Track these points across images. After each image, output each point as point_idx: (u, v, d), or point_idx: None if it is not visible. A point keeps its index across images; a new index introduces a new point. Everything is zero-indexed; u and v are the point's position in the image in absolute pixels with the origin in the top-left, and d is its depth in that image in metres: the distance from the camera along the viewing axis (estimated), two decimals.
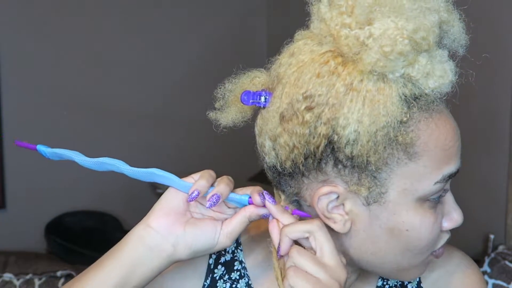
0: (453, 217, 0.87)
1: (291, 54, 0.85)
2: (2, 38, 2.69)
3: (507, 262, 1.91)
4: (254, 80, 0.90)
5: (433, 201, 0.84)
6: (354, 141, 0.80)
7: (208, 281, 0.97)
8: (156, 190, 2.86)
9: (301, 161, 0.83)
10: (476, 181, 2.09)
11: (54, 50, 2.76)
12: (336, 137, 0.80)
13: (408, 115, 0.80)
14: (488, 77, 2.01)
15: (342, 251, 0.88)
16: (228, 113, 0.91)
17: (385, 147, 0.80)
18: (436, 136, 0.82)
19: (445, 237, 0.89)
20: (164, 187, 2.76)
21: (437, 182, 0.83)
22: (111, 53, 2.84)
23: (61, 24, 2.75)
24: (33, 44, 2.73)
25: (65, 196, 2.83)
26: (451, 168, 0.84)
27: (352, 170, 0.82)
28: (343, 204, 0.85)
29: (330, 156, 0.82)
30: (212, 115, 0.91)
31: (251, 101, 0.87)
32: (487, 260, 1.94)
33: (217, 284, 0.96)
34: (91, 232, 2.75)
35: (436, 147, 0.82)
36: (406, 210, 0.83)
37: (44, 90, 2.77)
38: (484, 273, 1.92)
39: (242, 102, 0.87)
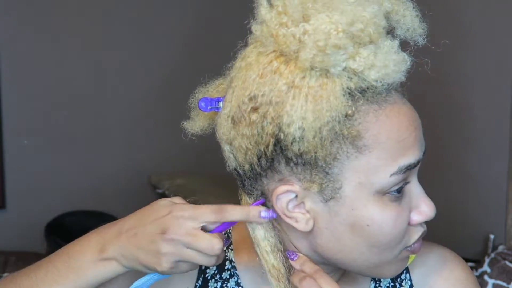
0: (423, 210, 0.85)
1: (242, 58, 0.86)
2: (2, 38, 2.70)
3: (507, 262, 1.91)
4: (219, 87, 0.91)
5: (394, 194, 0.83)
6: (300, 138, 0.80)
7: (200, 281, 0.96)
8: (156, 190, 2.86)
9: (256, 162, 0.83)
10: (476, 181, 2.09)
11: (54, 50, 2.76)
12: (282, 135, 0.81)
13: (353, 108, 0.80)
14: (488, 77, 2.02)
15: (311, 250, 0.88)
16: (196, 121, 0.92)
17: (331, 141, 0.80)
18: (387, 127, 0.81)
19: (419, 231, 0.87)
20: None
21: (393, 174, 0.82)
22: (111, 52, 2.84)
23: (61, 24, 2.76)
24: (33, 44, 2.74)
25: (65, 196, 2.83)
26: (408, 159, 0.82)
27: (304, 167, 0.82)
28: (303, 203, 0.84)
29: (280, 155, 0.82)
30: (187, 125, 0.93)
31: (209, 107, 0.88)
32: (487, 260, 1.94)
33: (209, 284, 0.96)
34: None
35: (389, 138, 0.81)
36: (365, 205, 0.82)
37: (44, 90, 2.77)
38: (484, 273, 1.92)
39: (200, 109, 0.88)
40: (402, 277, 0.98)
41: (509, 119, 1.96)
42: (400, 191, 0.84)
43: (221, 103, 0.87)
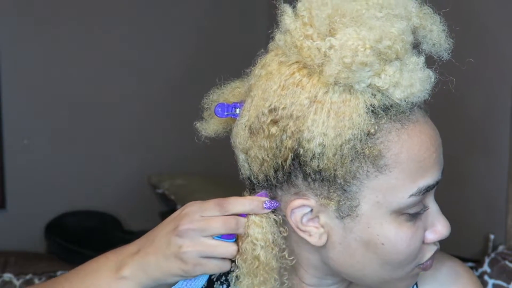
0: (438, 229, 0.85)
1: (262, 65, 0.84)
2: (2, 38, 2.69)
3: (507, 262, 1.90)
4: (235, 91, 0.89)
5: (410, 214, 0.81)
6: (319, 155, 0.78)
7: (205, 282, 0.96)
8: (156, 190, 2.86)
9: (272, 174, 0.82)
10: (476, 181, 2.09)
11: (54, 50, 2.76)
12: (301, 151, 0.79)
13: (376, 127, 0.78)
14: (488, 77, 2.02)
15: (322, 262, 0.87)
16: (210, 124, 0.90)
17: (352, 160, 0.78)
18: (408, 147, 0.79)
19: (432, 249, 0.86)
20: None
21: (412, 195, 0.80)
22: (111, 52, 2.84)
23: (61, 24, 2.75)
24: (33, 44, 2.73)
25: (65, 196, 2.83)
26: (427, 180, 0.81)
27: (322, 183, 0.80)
28: (318, 217, 0.83)
29: (298, 169, 0.80)
30: (199, 125, 0.91)
31: (225, 113, 0.86)
32: (487, 260, 1.94)
33: (214, 286, 0.96)
34: (91, 232, 2.75)
35: (409, 159, 0.79)
36: (380, 223, 0.81)
37: (44, 90, 2.77)
38: (484, 273, 1.92)
39: (216, 115, 0.87)
40: None
41: (509, 119, 1.96)
42: (417, 213, 0.82)
43: (238, 110, 0.85)
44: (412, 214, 0.82)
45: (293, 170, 0.81)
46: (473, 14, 2.02)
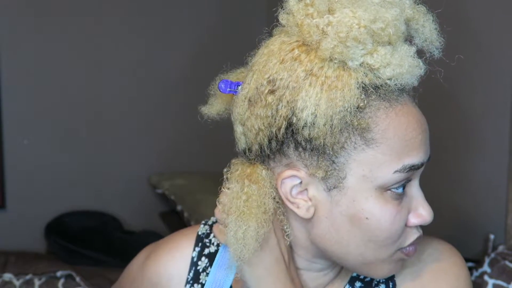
0: (420, 213, 0.88)
1: (266, 46, 0.89)
2: (2, 38, 2.70)
3: (507, 262, 1.91)
4: (239, 75, 0.94)
5: (395, 192, 0.85)
6: (311, 124, 0.83)
7: (191, 274, 0.99)
8: (156, 190, 2.86)
9: (266, 144, 0.87)
10: (476, 181, 2.09)
11: (54, 50, 2.76)
12: (294, 119, 0.84)
13: (365, 102, 0.83)
14: (488, 76, 2.02)
15: (309, 241, 0.90)
16: (214, 105, 0.95)
17: (341, 130, 0.83)
18: (395, 125, 0.84)
19: (415, 234, 0.89)
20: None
21: (397, 171, 0.84)
22: (111, 52, 2.84)
23: (61, 24, 2.76)
24: (33, 44, 2.74)
25: (65, 196, 2.83)
26: (412, 159, 0.85)
27: (311, 153, 0.84)
28: (306, 190, 0.87)
29: (290, 138, 0.85)
30: (203, 108, 0.96)
31: (228, 89, 0.92)
32: (487, 260, 1.94)
33: (200, 277, 0.99)
34: (91, 232, 2.75)
35: (395, 136, 0.84)
36: (366, 198, 0.85)
37: (44, 90, 2.77)
38: (484, 273, 1.92)
39: (219, 90, 0.92)
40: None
41: (509, 119, 1.96)
42: (402, 188, 0.86)
43: (239, 87, 0.90)
44: (398, 192, 0.85)
45: (286, 139, 0.85)
46: (473, 12, 2.02)
